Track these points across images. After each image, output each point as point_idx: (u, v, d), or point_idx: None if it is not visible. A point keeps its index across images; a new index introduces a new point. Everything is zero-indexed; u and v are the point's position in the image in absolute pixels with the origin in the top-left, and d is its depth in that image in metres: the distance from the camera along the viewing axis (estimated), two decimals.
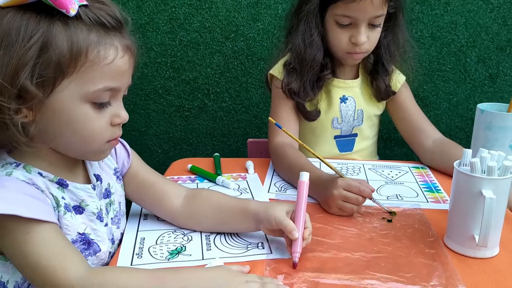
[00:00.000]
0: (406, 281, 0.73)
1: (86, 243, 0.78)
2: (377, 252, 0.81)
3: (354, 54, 1.15)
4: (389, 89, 1.23)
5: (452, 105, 1.69)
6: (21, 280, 0.75)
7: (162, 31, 1.66)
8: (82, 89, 0.69)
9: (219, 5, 1.63)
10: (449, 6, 1.59)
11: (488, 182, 0.77)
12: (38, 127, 0.70)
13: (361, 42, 1.11)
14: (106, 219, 0.83)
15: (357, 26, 1.10)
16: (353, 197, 0.91)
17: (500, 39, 1.61)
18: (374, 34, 1.14)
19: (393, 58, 1.21)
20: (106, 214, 0.84)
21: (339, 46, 1.14)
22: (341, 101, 1.23)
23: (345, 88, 1.24)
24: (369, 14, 1.09)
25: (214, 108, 1.75)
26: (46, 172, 0.74)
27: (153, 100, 1.75)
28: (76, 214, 0.77)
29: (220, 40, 1.67)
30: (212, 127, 1.77)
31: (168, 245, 0.84)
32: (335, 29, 1.13)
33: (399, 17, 1.18)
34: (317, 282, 0.73)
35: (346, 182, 0.92)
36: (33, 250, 0.68)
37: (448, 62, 1.65)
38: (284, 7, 1.61)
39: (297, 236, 0.77)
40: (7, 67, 0.65)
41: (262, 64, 1.69)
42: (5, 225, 0.68)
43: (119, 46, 0.71)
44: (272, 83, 1.25)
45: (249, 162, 1.18)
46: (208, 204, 0.89)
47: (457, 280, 0.74)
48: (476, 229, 0.79)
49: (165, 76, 1.71)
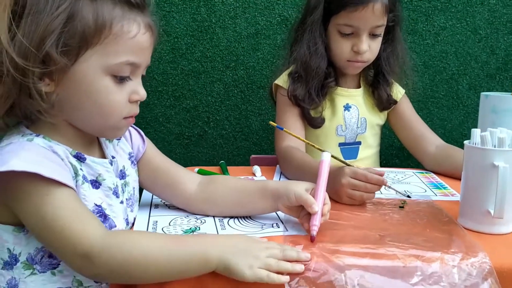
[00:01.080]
0: (426, 249, 0.73)
1: (103, 216, 0.77)
2: (393, 230, 0.81)
3: (355, 63, 1.20)
4: (390, 98, 1.27)
5: (447, 130, 1.73)
6: (34, 252, 0.73)
7: (164, 61, 1.71)
8: (104, 61, 0.71)
9: (220, 36, 1.69)
10: (439, 36, 1.68)
11: (500, 153, 0.78)
12: (59, 96, 0.72)
13: (363, 51, 1.16)
14: (122, 197, 0.82)
15: (359, 35, 1.16)
16: (361, 184, 0.92)
17: (489, 67, 1.69)
18: (375, 44, 1.19)
19: (393, 69, 1.26)
20: (122, 193, 0.83)
21: (341, 54, 1.19)
22: (345, 109, 1.26)
23: (348, 96, 1.27)
24: (370, 24, 1.14)
25: (214, 136, 1.77)
26: (64, 145, 0.74)
27: (154, 128, 1.76)
28: (92, 188, 0.77)
29: (220, 69, 1.72)
30: (212, 154, 1.78)
31: (182, 226, 0.83)
32: (338, 38, 1.18)
33: (397, 30, 1.24)
34: (337, 250, 0.72)
35: (353, 170, 0.93)
36: (51, 211, 0.67)
37: (441, 90, 1.71)
38: (283, 37, 1.68)
39: (316, 210, 0.77)
40: (34, 33, 0.68)
41: (262, 92, 1.73)
42: (23, 186, 0.67)
43: (141, 23, 0.74)
44: (277, 92, 1.28)
45: (256, 166, 1.18)
46: (225, 186, 0.89)
47: (478, 247, 0.73)
48: (490, 203, 0.79)
49: (166, 105, 1.74)
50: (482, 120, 1.01)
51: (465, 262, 0.68)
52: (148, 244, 0.68)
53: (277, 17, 1.67)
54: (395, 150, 1.74)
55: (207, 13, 1.67)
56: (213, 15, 1.67)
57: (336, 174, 0.94)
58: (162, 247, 0.68)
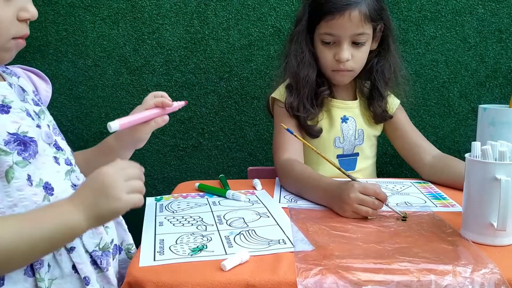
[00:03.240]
0: (437, 262, 0.73)
1: (22, 143, 0.72)
2: (400, 243, 0.82)
3: (340, 72, 1.21)
4: (385, 114, 1.29)
5: (439, 138, 1.75)
6: None
7: (158, 73, 1.71)
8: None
9: (214, 48, 1.70)
10: (430, 45, 1.70)
11: (501, 166, 0.80)
12: None
13: (344, 59, 1.17)
14: (37, 121, 0.78)
15: (340, 43, 1.18)
16: (370, 200, 0.92)
17: (479, 75, 1.72)
18: (359, 53, 1.20)
19: (387, 83, 1.28)
20: (38, 118, 0.78)
21: (325, 63, 1.21)
22: (342, 121, 1.27)
23: (345, 108, 1.29)
24: (350, 31, 1.16)
25: (209, 147, 1.77)
26: None
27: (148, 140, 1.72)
28: (2, 114, 0.72)
29: (214, 80, 1.72)
30: (207, 166, 1.78)
31: (188, 244, 0.83)
32: (321, 47, 1.20)
33: (389, 42, 1.26)
34: (350, 266, 0.72)
35: (362, 186, 0.93)
36: None
37: (432, 98, 1.74)
38: (276, 48, 1.69)
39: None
40: None
41: (256, 103, 1.73)
42: None
43: None
44: (274, 105, 1.29)
45: (256, 180, 1.19)
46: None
47: (485, 258, 0.74)
48: (493, 215, 0.81)
49: None
50: (480, 133, 1.03)
51: (476, 273, 0.70)
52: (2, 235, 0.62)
53: (270, 28, 1.68)
54: (389, 157, 1.76)
55: (200, 25, 1.67)
56: (206, 27, 1.68)
57: (344, 189, 0.94)
58: (21, 234, 0.63)
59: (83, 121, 1.71)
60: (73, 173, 0.82)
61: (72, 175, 0.82)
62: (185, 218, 0.96)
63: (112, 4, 1.65)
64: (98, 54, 1.68)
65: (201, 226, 0.91)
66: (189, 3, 1.65)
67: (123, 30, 1.67)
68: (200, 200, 1.09)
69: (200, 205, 1.05)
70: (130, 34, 1.67)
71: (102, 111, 1.72)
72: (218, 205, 1.04)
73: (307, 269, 0.71)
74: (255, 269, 0.73)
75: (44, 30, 1.64)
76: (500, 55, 1.70)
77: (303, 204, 1.05)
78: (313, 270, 0.71)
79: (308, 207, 1.02)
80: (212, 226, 0.91)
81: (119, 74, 1.70)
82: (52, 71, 1.67)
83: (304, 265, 0.72)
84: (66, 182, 0.80)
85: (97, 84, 1.70)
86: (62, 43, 1.66)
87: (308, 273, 0.70)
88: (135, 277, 0.72)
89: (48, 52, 1.66)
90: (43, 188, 0.74)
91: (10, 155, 0.70)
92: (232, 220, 0.94)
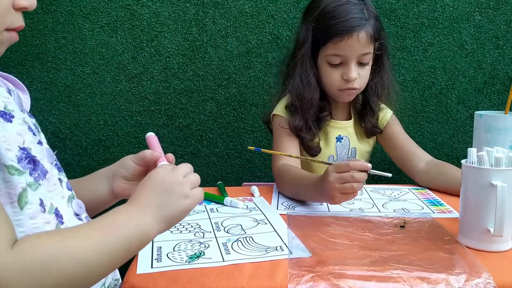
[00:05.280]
0: (431, 270, 0.74)
1: (31, 161, 0.62)
2: (396, 251, 0.82)
3: (347, 91, 1.23)
4: (375, 129, 1.32)
5: (437, 144, 1.76)
6: None
7: (156, 80, 1.72)
8: None
9: (212, 55, 1.70)
10: (427, 52, 1.71)
11: (497, 172, 0.80)
12: None
13: (353, 78, 1.19)
14: (38, 136, 0.68)
15: (348, 64, 1.19)
16: (348, 175, 0.94)
17: (476, 82, 1.72)
18: (364, 72, 1.23)
19: (380, 98, 1.31)
20: (38, 132, 0.69)
21: (332, 84, 1.22)
22: (337, 140, 1.31)
23: (340, 128, 1.32)
24: (357, 52, 1.17)
25: (207, 154, 1.77)
26: None
27: (146, 148, 1.75)
28: (6, 122, 0.61)
29: (212, 87, 1.73)
30: (206, 172, 1.78)
31: (186, 251, 0.83)
32: (328, 69, 1.21)
33: (385, 59, 1.28)
34: (343, 273, 0.72)
35: (335, 165, 0.96)
36: None
37: (430, 104, 1.74)
38: (274, 55, 1.70)
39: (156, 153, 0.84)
40: None
41: (254, 110, 1.74)
42: None
43: None
44: (273, 121, 1.31)
45: (254, 187, 1.19)
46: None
47: (480, 267, 0.74)
48: (490, 221, 0.81)
49: (158, 124, 1.74)
50: (477, 139, 1.04)
51: (469, 283, 0.70)
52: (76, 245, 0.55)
53: (268, 36, 1.69)
54: (387, 164, 1.76)
55: (199, 32, 1.68)
56: (204, 34, 1.69)
57: (323, 177, 0.98)
58: (99, 245, 0.57)
59: (82, 129, 1.72)
60: (73, 200, 0.73)
61: (73, 202, 0.73)
62: (183, 225, 0.97)
63: (110, 12, 1.66)
64: (97, 62, 1.69)
65: (199, 233, 0.92)
66: (187, 11, 1.66)
67: (121, 37, 1.67)
68: (197, 207, 1.09)
69: (197, 212, 1.05)
70: (129, 41, 1.68)
71: (100, 118, 1.72)
72: (216, 212, 1.05)
73: (299, 275, 0.71)
74: (253, 275, 0.73)
75: (43, 38, 1.65)
76: (498, 62, 1.71)
77: (301, 210, 1.05)
78: (305, 277, 0.71)
79: (306, 213, 1.02)
80: (209, 233, 0.92)
81: (117, 81, 1.71)
82: (51, 78, 1.68)
83: (296, 271, 0.73)
84: (69, 210, 0.70)
85: (96, 92, 1.71)
86: (61, 51, 1.67)
87: (300, 280, 0.70)
88: (133, 284, 0.72)
89: (47, 59, 1.66)
90: (55, 215, 0.65)
91: (23, 175, 0.61)
92: (230, 227, 0.94)
